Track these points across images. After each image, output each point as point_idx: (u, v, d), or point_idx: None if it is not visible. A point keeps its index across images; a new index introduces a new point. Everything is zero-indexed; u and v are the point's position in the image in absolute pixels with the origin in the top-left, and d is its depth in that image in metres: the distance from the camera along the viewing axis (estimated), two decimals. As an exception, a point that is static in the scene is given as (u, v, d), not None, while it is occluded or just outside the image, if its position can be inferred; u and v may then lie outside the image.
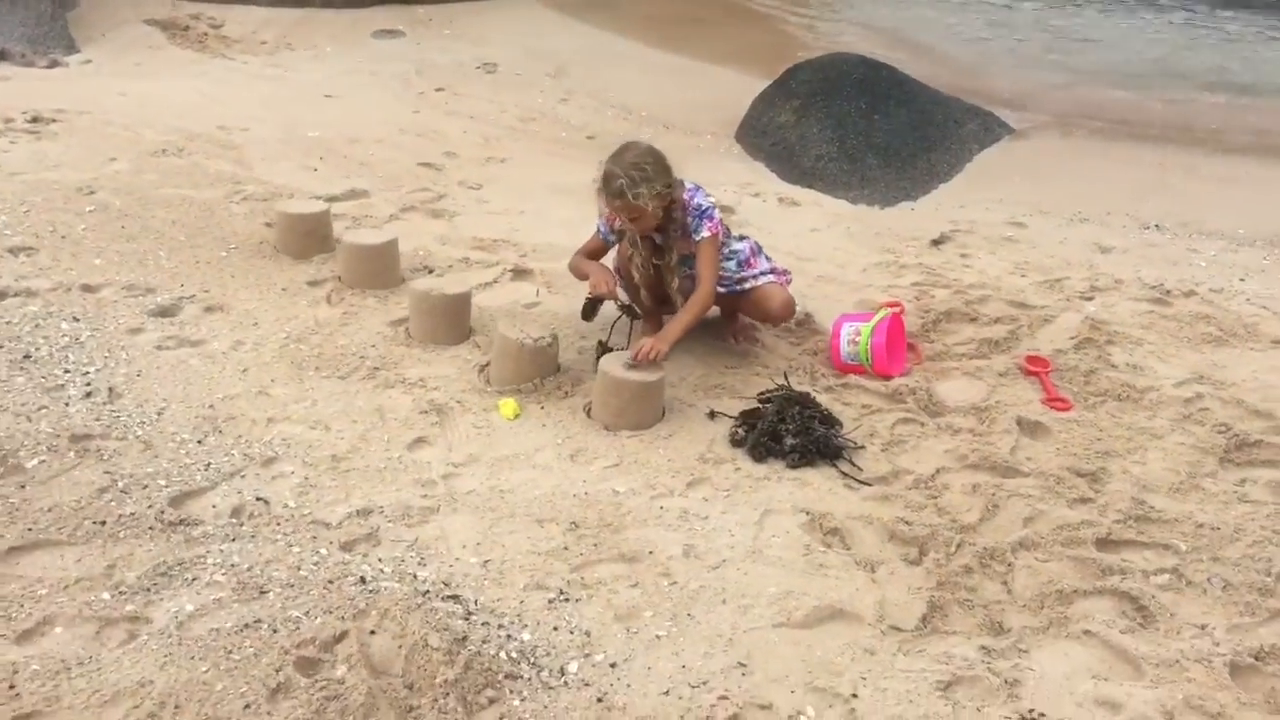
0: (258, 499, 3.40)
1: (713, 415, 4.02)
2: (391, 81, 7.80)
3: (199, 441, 3.66)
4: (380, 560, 3.18)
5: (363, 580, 3.08)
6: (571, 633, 2.95)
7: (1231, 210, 6.31)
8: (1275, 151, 7.40)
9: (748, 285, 4.42)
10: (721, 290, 4.41)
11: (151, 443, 3.62)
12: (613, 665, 2.85)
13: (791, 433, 3.77)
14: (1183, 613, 3.14)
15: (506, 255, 5.18)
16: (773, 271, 4.45)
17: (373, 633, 2.86)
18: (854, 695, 2.78)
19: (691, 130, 7.15)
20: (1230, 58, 9.19)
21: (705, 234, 4.14)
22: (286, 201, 5.18)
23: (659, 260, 4.31)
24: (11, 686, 2.60)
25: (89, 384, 3.90)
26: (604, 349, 4.32)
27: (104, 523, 3.22)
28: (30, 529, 3.15)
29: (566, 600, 3.07)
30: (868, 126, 6.55)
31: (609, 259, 4.48)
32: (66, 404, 3.77)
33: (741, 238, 4.49)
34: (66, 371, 3.96)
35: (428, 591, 3.05)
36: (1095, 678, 2.90)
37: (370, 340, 4.38)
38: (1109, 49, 9.42)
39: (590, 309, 4.32)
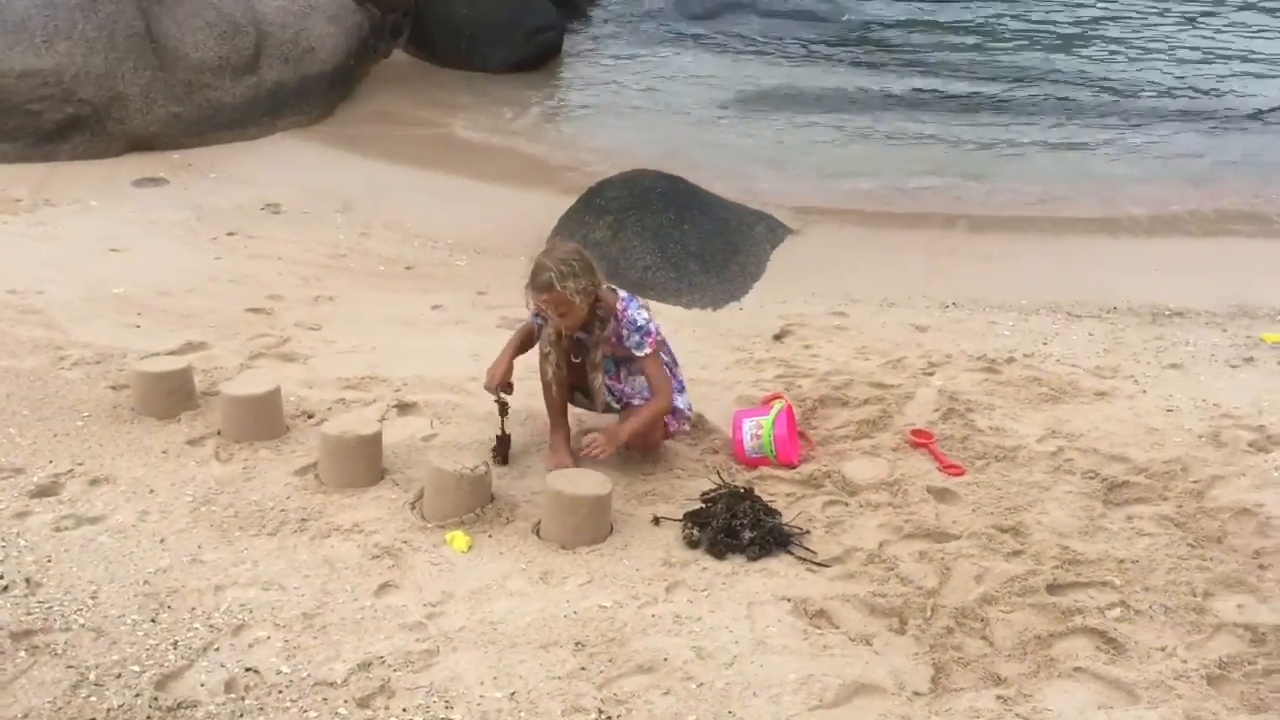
0: (246, 670, 3.22)
1: (657, 521, 4.12)
2: (175, 229, 7.50)
3: (152, 620, 3.42)
4: (405, 710, 3.08)
5: (399, 734, 2.98)
6: (630, 749, 2.96)
7: (1004, 284, 7.03)
8: (1014, 228, 8.29)
9: (636, 402, 4.55)
10: (616, 406, 4.56)
11: (102, 629, 3.36)
12: (685, 773, 2.88)
13: (747, 526, 3.93)
14: (1144, 639, 3.50)
15: (381, 392, 5.11)
16: (672, 413, 4.58)
17: (439, 784, 2.77)
18: (915, 761, 2.94)
19: (504, 253, 7.26)
20: (936, 148, 10.20)
21: (647, 350, 4.32)
22: (144, 361, 4.91)
23: (577, 357, 4.42)
24: None
25: (1, 577, 3.57)
26: (501, 439, 4.49)
27: (93, 720, 2.97)
28: (13, 741, 2.87)
29: (609, 719, 3.07)
30: (682, 236, 6.90)
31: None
32: (-15, 602, 3.44)
33: (671, 363, 4.63)
34: (-34, 568, 3.61)
35: (470, 734, 2.99)
36: (1102, 708, 3.19)
37: (282, 492, 4.22)
38: (835, 148, 10.24)
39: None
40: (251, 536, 3.93)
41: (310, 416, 4.84)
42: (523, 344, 4.56)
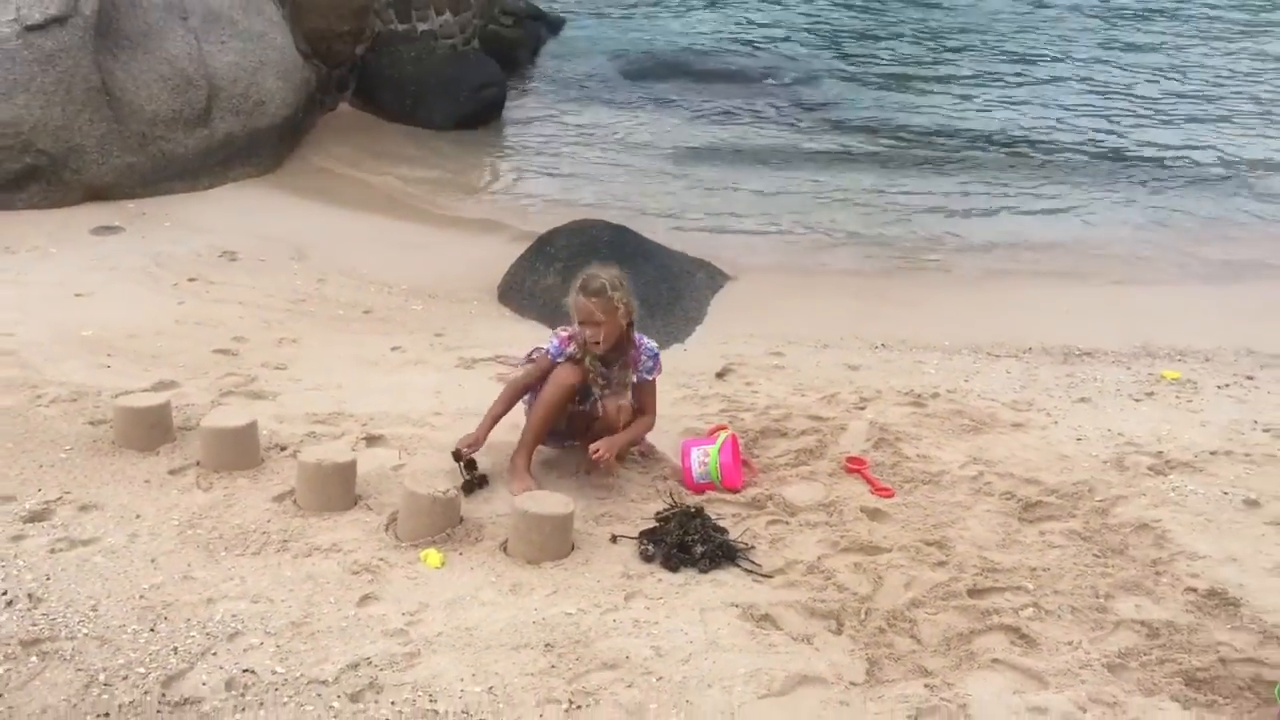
0: (244, 670, 3.50)
1: (615, 539, 4.47)
2: (135, 275, 7.74)
3: (152, 629, 3.70)
4: (393, 704, 3.39)
5: (389, 723, 3.29)
6: (600, 733, 3.29)
7: (928, 327, 7.52)
8: (938, 276, 8.84)
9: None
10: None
11: (106, 637, 3.63)
12: (650, 752, 3.22)
13: (698, 541, 4.30)
14: (1052, 635, 3.91)
15: (349, 426, 5.41)
16: None
17: (431, 763, 3.08)
18: (853, 738, 3.31)
19: (457, 298, 7.63)
20: (863, 201, 10.72)
21: (657, 374, 4.92)
22: (125, 397, 5.18)
23: (604, 383, 4.88)
24: None
25: (4, 593, 3.82)
26: (478, 480, 4.81)
27: (107, 715, 3.25)
28: (34, 733, 3.13)
29: (579, 708, 3.41)
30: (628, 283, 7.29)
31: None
32: (-7, 615, 3.69)
33: None
34: (-29, 587, 3.86)
35: (455, 722, 3.31)
36: (1017, 693, 3.59)
37: (263, 516, 4.51)
38: (768, 201, 10.70)
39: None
40: (237, 556, 4.21)
41: (283, 449, 5.13)
42: (508, 406, 4.94)
